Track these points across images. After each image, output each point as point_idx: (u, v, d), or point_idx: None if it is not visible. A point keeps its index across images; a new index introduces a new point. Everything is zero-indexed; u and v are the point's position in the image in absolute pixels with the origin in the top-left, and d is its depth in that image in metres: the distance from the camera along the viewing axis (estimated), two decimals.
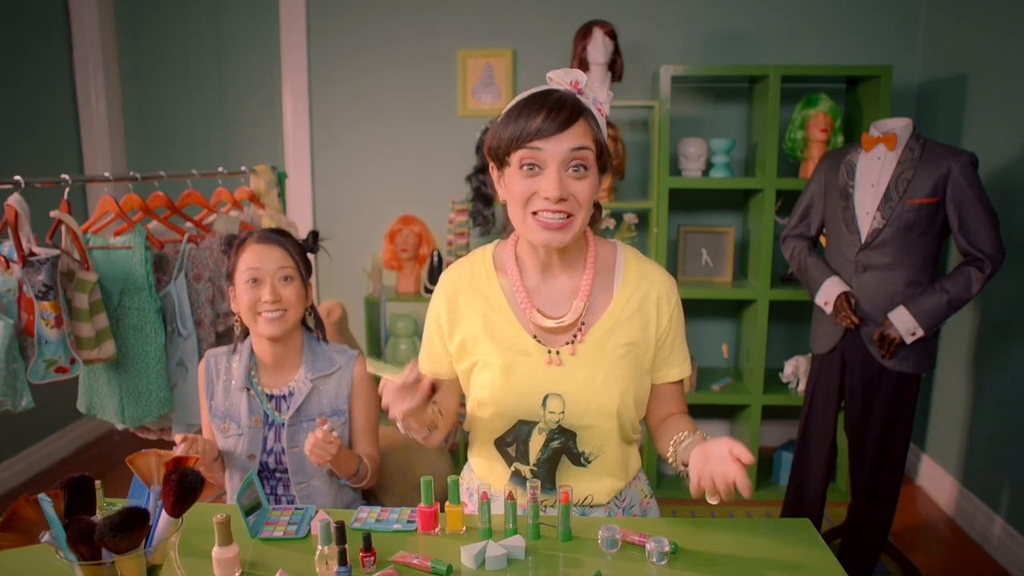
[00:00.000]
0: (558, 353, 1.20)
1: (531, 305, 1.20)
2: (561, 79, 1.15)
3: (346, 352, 1.70)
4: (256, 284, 1.58)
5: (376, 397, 1.67)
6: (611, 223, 3.14)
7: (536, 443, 1.23)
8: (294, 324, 1.63)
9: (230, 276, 1.65)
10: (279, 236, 1.64)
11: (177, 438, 1.49)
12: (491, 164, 1.21)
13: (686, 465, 1.12)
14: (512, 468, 1.27)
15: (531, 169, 1.10)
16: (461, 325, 1.25)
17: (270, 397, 1.65)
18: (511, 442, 1.25)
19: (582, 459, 1.23)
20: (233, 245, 1.67)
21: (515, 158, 1.11)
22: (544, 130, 1.08)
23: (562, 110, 1.09)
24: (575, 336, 1.20)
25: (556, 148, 1.09)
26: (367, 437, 1.69)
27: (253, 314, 1.59)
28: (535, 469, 1.24)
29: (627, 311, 1.22)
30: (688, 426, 1.22)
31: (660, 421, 1.31)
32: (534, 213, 1.12)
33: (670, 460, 1.18)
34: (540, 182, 1.10)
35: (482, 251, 1.30)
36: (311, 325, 1.72)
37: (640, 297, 1.22)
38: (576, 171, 1.10)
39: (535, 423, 1.21)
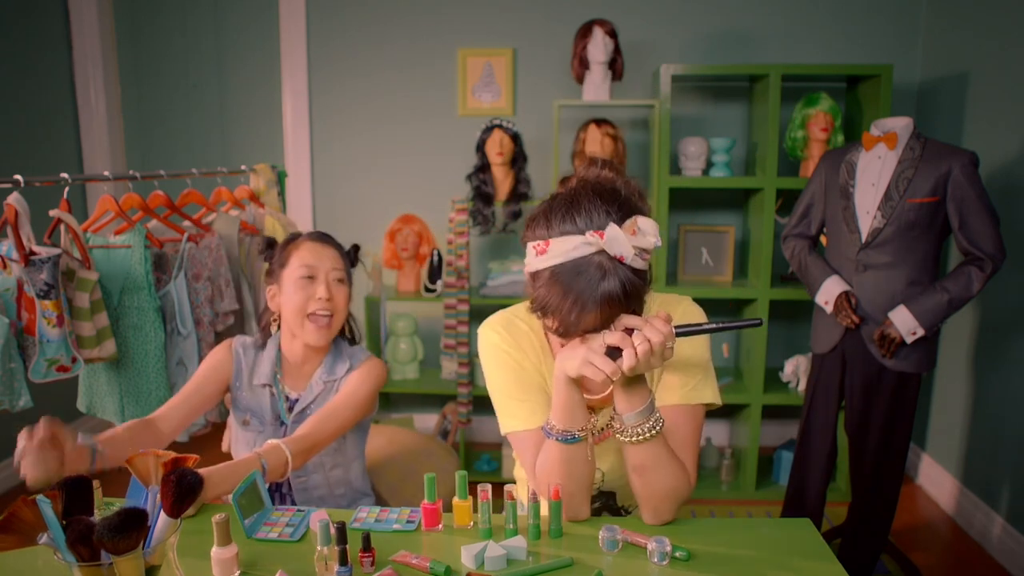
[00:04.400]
0: (601, 431, 1.28)
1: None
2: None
3: (358, 355, 1.65)
4: (311, 281, 1.54)
5: (358, 402, 1.55)
6: None
7: None
8: (336, 332, 1.60)
9: (273, 274, 1.61)
10: (332, 238, 1.64)
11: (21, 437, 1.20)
12: None
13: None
14: None
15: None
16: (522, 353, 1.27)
17: (287, 398, 1.63)
18: None
19: (623, 511, 1.37)
20: (276, 246, 1.65)
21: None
22: (590, 330, 1.05)
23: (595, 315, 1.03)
24: (610, 424, 1.17)
25: (596, 331, 1.05)
26: (315, 418, 1.50)
27: (302, 316, 1.55)
28: None
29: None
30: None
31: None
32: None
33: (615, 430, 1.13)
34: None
35: (514, 308, 1.29)
36: (347, 331, 1.70)
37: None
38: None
39: None
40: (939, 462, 3.01)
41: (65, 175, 1.94)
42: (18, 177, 1.83)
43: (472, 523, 1.20)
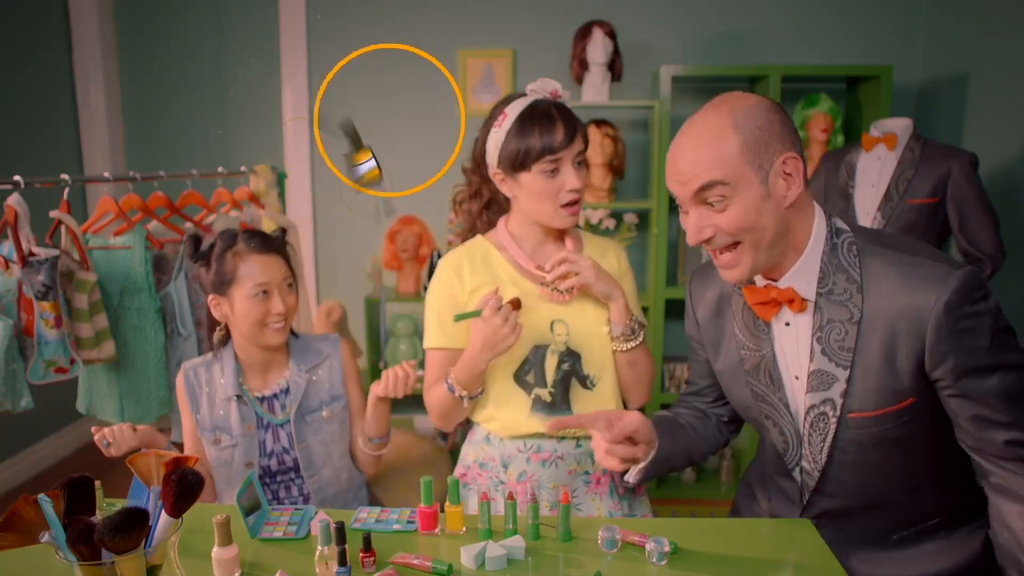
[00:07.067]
0: (560, 292, 1.44)
1: (532, 264, 1.46)
2: (541, 89, 1.41)
3: (327, 339, 1.70)
4: (266, 297, 1.55)
5: (360, 376, 1.73)
6: (611, 223, 3.14)
7: (551, 364, 1.44)
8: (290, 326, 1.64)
9: (221, 286, 1.56)
10: (273, 242, 1.60)
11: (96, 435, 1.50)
12: (496, 171, 1.42)
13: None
14: (532, 396, 1.44)
15: (553, 172, 1.37)
16: (474, 286, 1.46)
17: (261, 400, 1.62)
18: (528, 370, 1.44)
19: (588, 382, 1.45)
20: (214, 252, 1.58)
21: (538, 166, 1.36)
22: (563, 142, 1.36)
23: (569, 122, 1.37)
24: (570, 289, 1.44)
25: (570, 152, 1.37)
26: (364, 414, 1.66)
27: (260, 326, 1.55)
28: (552, 391, 1.44)
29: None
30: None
31: None
32: (563, 205, 1.39)
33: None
34: (562, 180, 1.37)
35: (472, 241, 1.52)
36: None
37: (600, 257, 1.48)
38: (580, 166, 1.40)
39: (548, 345, 1.43)
40: None
41: (65, 176, 1.94)
42: (18, 178, 1.83)
43: (464, 529, 1.19)
